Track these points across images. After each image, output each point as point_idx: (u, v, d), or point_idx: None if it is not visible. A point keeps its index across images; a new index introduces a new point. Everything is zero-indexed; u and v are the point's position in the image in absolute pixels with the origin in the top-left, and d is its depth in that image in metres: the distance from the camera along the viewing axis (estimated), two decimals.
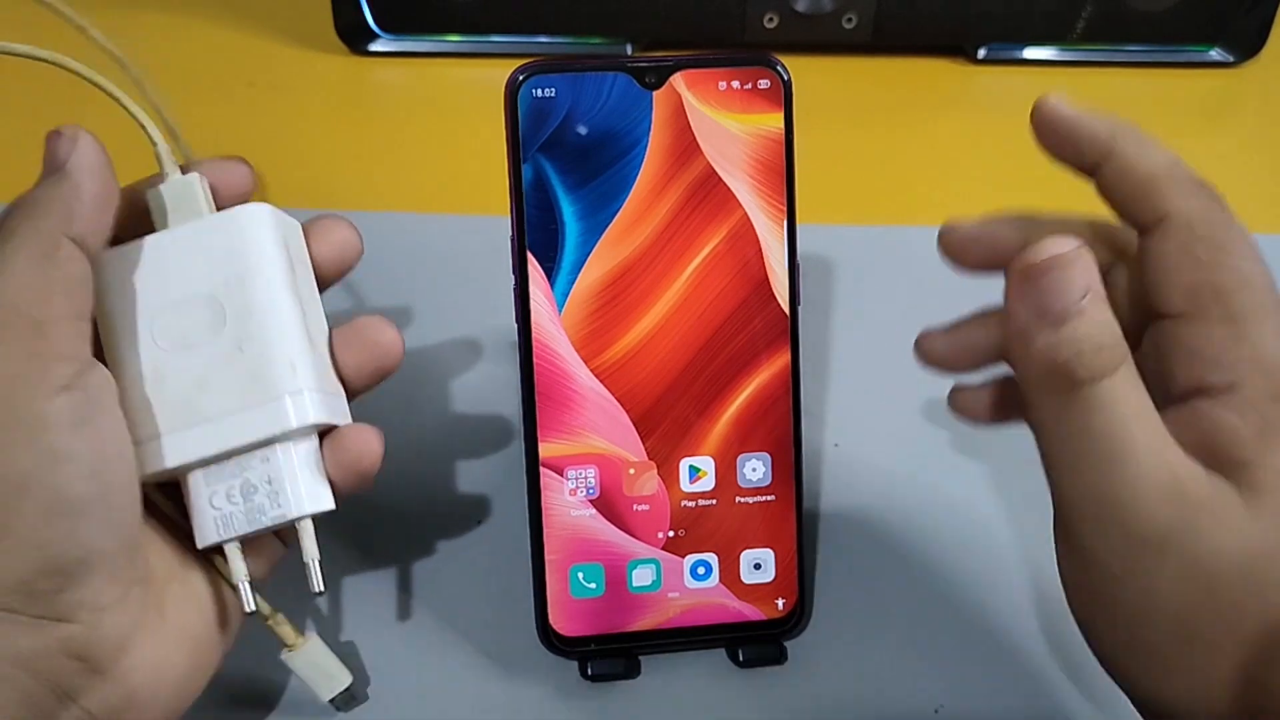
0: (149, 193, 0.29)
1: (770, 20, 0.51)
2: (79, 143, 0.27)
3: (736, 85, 0.31)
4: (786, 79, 0.32)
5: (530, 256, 0.31)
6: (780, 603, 0.33)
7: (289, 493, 0.28)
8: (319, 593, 0.29)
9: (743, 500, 0.32)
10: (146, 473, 0.28)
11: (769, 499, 0.33)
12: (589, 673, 0.32)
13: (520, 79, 0.31)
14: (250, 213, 0.29)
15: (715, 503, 0.32)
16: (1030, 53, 0.52)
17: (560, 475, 0.32)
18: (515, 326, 0.32)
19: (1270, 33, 0.51)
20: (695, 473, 0.32)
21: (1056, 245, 0.24)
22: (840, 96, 0.52)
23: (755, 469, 0.33)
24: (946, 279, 0.29)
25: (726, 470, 0.32)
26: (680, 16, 0.51)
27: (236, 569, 0.29)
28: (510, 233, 0.31)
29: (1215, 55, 0.52)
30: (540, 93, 0.31)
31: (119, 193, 0.28)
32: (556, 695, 0.33)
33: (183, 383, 0.28)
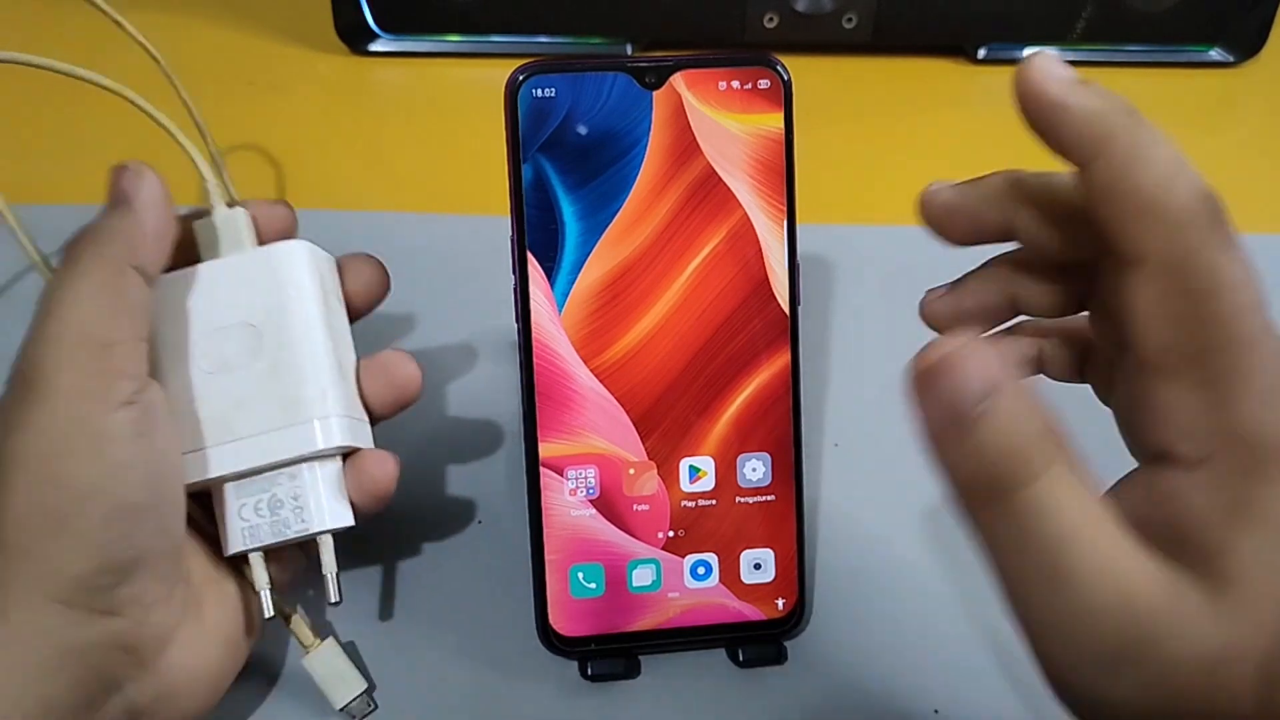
0: (196, 225, 0.31)
1: (770, 20, 0.51)
2: (143, 178, 0.29)
3: (736, 85, 0.31)
4: (786, 79, 0.32)
5: (530, 256, 0.31)
6: (780, 603, 0.33)
7: (312, 509, 0.30)
8: (335, 603, 0.31)
9: (743, 500, 0.32)
10: (185, 482, 0.29)
11: (769, 499, 0.33)
12: (589, 673, 0.32)
13: (520, 79, 0.31)
14: (290, 248, 0.31)
15: (715, 503, 0.32)
16: (1030, 53, 0.52)
17: (560, 475, 0.32)
18: (515, 326, 0.32)
19: (1270, 33, 0.51)
20: (695, 473, 0.32)
21: (946, 344, 0.21)
22: (840, 96, 0.52)
23: (755, 469, 0.33)
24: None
25: (726, 470, 0.32)
26: (680, 16, 0.51)
27: (259, 577, 0.30)
28: (510, 233, 0.31)
29: (1215, 55, 0.52)
30: (540, 93, 0.31)
31: (176, 226, 0.30)
32: (556, 695, 0.33)
33: (222, 402, 0.30)
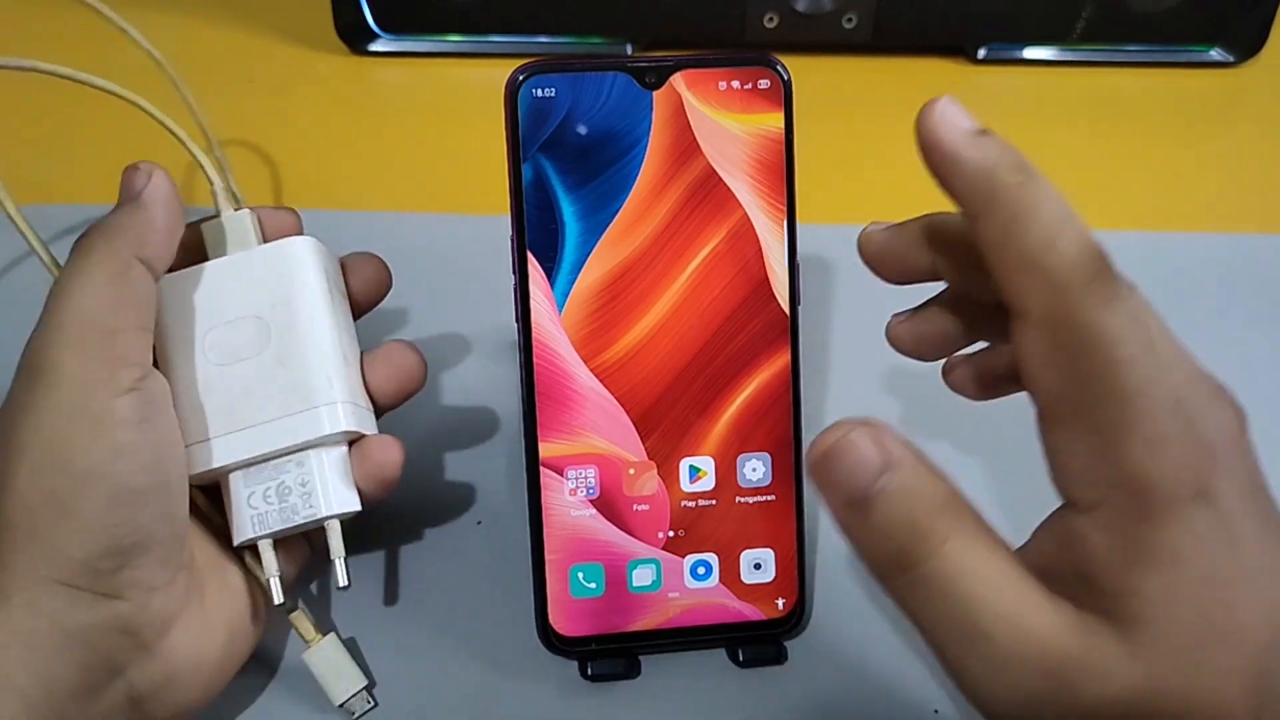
0: (204, 226, 0.33)
1: (770, 20, 0.51)
2: (154, 177, 0.30)
3: (736, 85, 0.31)
4: (786, 79, 0.32)
5: (530, 256, 0.31)
6: (780, 603, 0.33)
7: (320, 494, 0.31)
8: (344, 587, 0.31)
9: (743, 500, 0.32)
10: (193, 472, 0.30)
11: (769, 499, 0.33)
12: (589, 673, 0.32)
13: (520, 79, 0.31)
14: (295, 243, 0.32)
15: (715, 503, 0.32)
16: (1030, 53, 0.52)
17: (560, 475, 0.32)
18: (515, 326, 0.32)
19: (1270, 33, 0.51)
20: (695, 473, 0.32)
21: (838, 429, 0.22)
22: (840, 96, 0.52)
23: (755, 469, 0.33)
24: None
25: (726, 470, 0.32)
26: (680, 16, 0.51)
27: (268, 564, 0.31)
28: (510, 233, 0.31)
29: (1215, 55, 0.52)
30: (540, 93, 0.31)
31: (184, 223, 0.31)
32: (556, 695, 0.33)
33: (229, 393, 0.31)
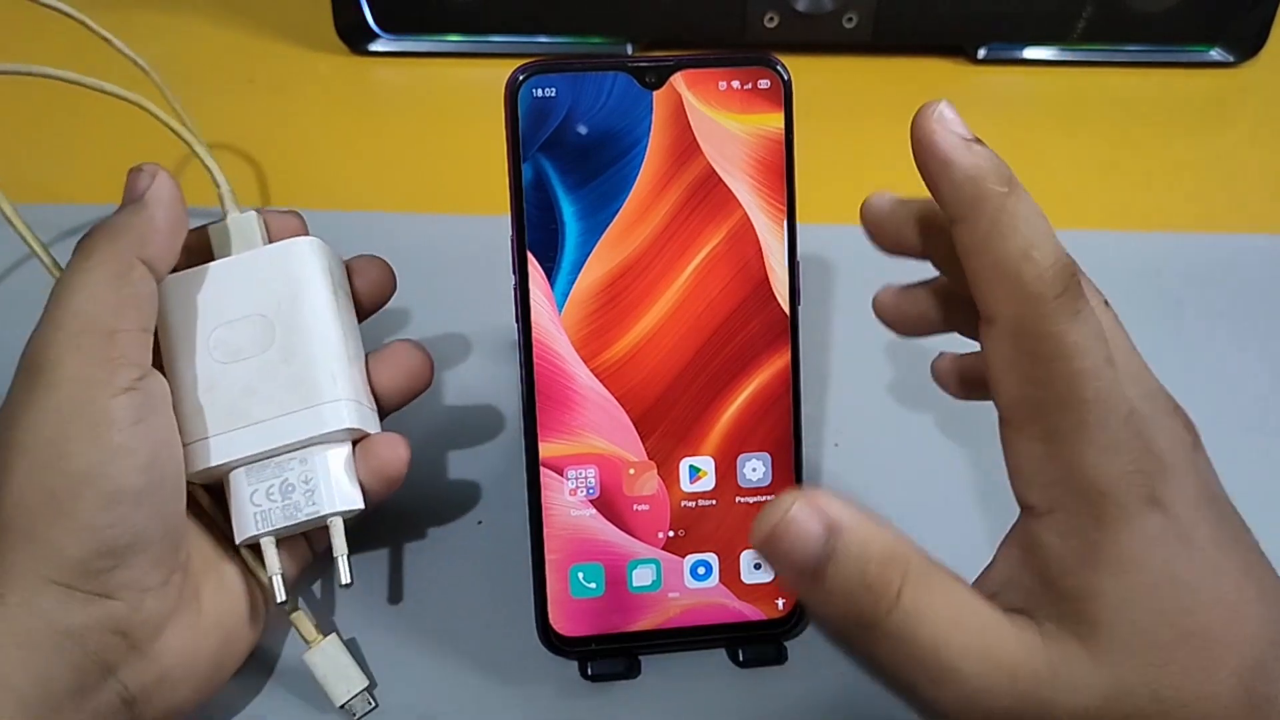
0: (211, 229, 0.33)
1: (770, 20, 0.51)
2: (157, 179, 0.30)
3: (736, 85, 0.31)
4: (786, 79, 0.32)
5: (530, 256, 0.31)
6: (780, 603, 0.33)
7: (323, 492, 0.30)
8: (346, 585, 0.31)
9: (743, 500, 0.32)
10: (196, 470, 0.30)
11: (769, 499, 0.32)
12: (589, 673, 0.32)
13: (520, 79, 0.31)
14: (300, 243, 0.32)
15: (715, 503, 0.32)
16: (1030, 53, 0.52)
17: (560, 475, 0.32)
18: (515, 326, 0.32)
19: (1270, 33, 0.51)
20: (695, 473, 0.32)
21: (777, 508, 0.22)
22: (840, 96, 0.52)
23: (755, 469, 0.33)
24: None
25: (726, 470, 0.32)
26: (680, 16, 0.51)
27: (270, 562, 0.30)
28: (510, 233, 0.31)
29: (1215, 55, 0.52)
30: (540, 92, 0.31)
31: (187, 224, 0.31)
32: (556, 695, 0.33)
33: (233, 390, 0.31)
